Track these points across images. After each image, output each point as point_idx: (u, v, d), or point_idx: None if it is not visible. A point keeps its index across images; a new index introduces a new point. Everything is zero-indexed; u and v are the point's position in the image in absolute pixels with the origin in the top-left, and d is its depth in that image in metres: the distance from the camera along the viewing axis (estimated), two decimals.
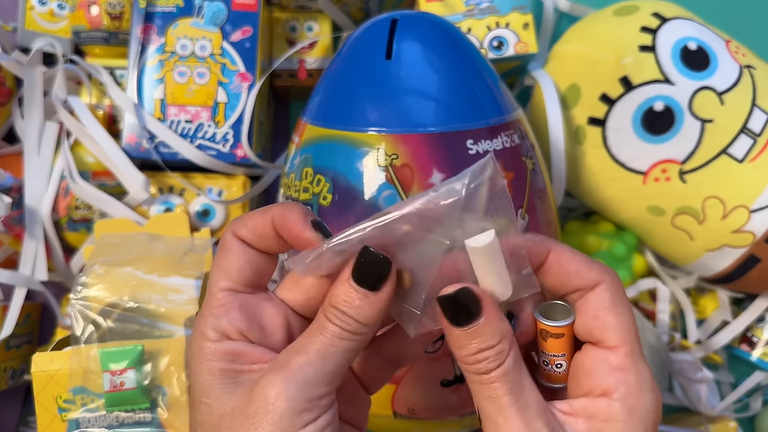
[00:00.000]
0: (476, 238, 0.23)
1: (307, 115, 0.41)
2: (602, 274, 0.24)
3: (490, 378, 0.22)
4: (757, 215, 0.46)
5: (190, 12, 0.50)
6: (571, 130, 0.50)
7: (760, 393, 0.56)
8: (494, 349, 0.23)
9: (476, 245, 0.23)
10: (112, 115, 0.53)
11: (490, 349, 0.23)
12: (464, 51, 0.40)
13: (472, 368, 0.23)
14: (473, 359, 0.23)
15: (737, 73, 0.47)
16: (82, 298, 0.39)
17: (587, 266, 0.24)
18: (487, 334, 0.23)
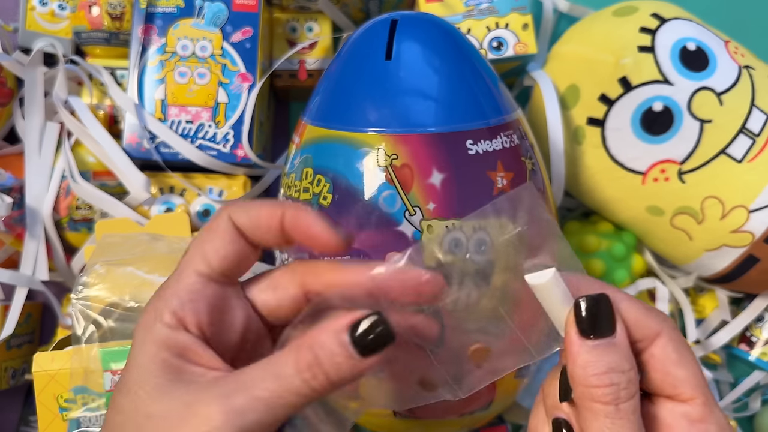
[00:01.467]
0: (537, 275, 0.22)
1: (308, 116, 0.41)
2: (661, 323, 0.22)
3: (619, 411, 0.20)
4: (755, 215, 0.46)
5: (190, 13, 0.50)
6: (570, 130, 0.50)
7: (759, 392, 0.56)
8: (626, 375, 0.21)
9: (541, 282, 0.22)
10: (112, 116, 0.53)
11: (622, 374, 0.21)
12: (464, 51, 0.40)
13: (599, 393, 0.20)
14: (601, 381, 0.20)
15: (736, 73, 0.47)
16: (83, 297, 0.40)
17: (646, 314, 0.22)
18: (620, 355, 0.21)
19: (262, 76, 0.50)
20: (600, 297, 0.21)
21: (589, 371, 0.21)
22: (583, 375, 0.21)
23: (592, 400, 0.21)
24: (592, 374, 0.21)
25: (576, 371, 0.21)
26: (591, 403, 0.21)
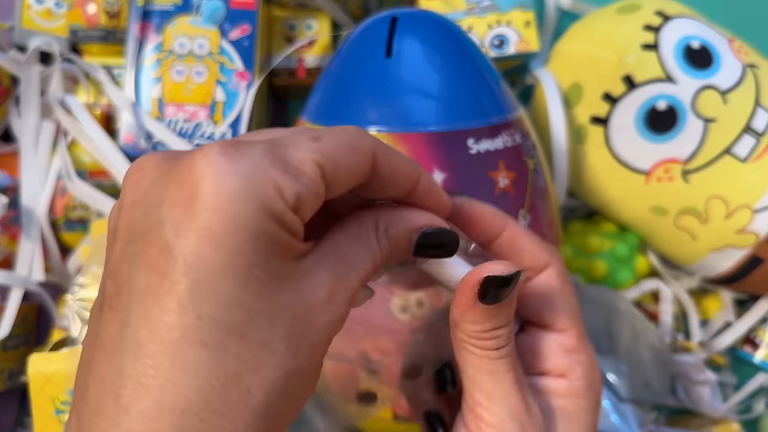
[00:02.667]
0: None
1: (306, 114, 0.41)
2: (552, 256, 0.24)
3: (499, 353, 0.22)
4: (760, 215, 0.46)
5: (188, 10, 0.49)
6: (573, 129, 0.50)
7: (764, 395, 0.56)
8: (507, 328, 0.22)
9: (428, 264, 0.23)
10: (109, 114, 0.53)
11: (504, 328, 0.22)
12: (465, 49, 0.39)
13: (481, 344, 0.22)
14: (486, 335, 0.22)
15: (740, 71, 0.47)
16: (79, 298, 0.39)
17: (540, 247, 0.24)
18: (506, 315, 0.22)
19: (261, 74, 0.50)
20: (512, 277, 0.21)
21: (477, 327, 0.22)
22: (469, 328, 0.22)
23: (473, 347, 0.22)
24: (479, 330, 0.22)
25: (463, 322, 0.22)
26: (473, 349, 0.22)
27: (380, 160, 0.20)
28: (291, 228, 0.18)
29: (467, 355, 0.23)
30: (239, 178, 0.16)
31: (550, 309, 0.24)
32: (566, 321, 0.24)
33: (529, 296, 0.24)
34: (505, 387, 0.22)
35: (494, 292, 0.21)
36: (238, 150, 0.17)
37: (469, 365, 0.23)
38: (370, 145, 0.20)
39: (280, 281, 0.17)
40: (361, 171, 0.20)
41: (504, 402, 0.22)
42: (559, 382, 0.23)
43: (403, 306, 0.25)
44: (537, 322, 0.24)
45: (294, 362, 0.18)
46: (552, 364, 0.24)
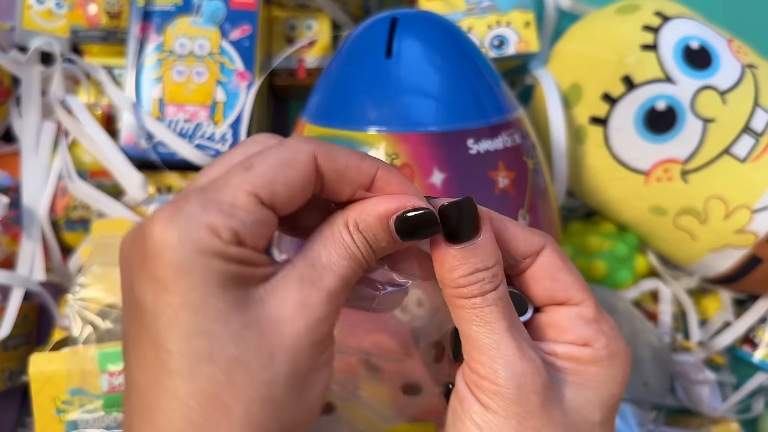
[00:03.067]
0: None
1: (307, 115, 0.41)
2: (544, 237, 0.24)
3: (486, 300, 0.22)
4: (759, 215, 0.46)
5: (188, 10, 0.49)
6: (572, 129, 0.50)
7: (763, 394, 0.56)
8: (490, 270, 0.22)
9: None
10: (110, 115, 0.53)
11: (487, 271, 0.22)
12: (465, 50, 0.39)
13: (465, 291, 0.22)
14: (467, 281, 0.22)
15: (739, 72, 0.47)
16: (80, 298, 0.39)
17: (530, 232, 0.24)
18: (485, 254, 0.22)
19: (261, 74, 0.50)
20: (462, 201, 0.22)
21: (456, 274, 0.22)
22: (450, 277, 0.22)
23: (461, 297, 0.22)
24: (458, 276, 0.22)
25: (444, 275, 0.22)
26: (460, 300, 0.22)
27: (323, 163, 0.21)
28: (239, 259, 0.20)
29: (458, 311, 0.22)
30: (176, 232, 0.19)
31: (561, 286, 0.23)
32: (579, 293, 0.23)
33: (537, 280, 0.24)
34: (496, 336, 0.22)
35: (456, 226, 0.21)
36: (178, 208, 0.19)
37: (462, 321, 0.22)
38: (307, 153, 0.21)
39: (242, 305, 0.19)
40: (304, 181, 0.21)
41: (495, 352, 0.21)
42: (583, 350, 0.23)
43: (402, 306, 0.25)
44: (552, 302, 0.24)
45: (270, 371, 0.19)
46: (574, 335, 0.23)
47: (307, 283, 0.20)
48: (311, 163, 0.21)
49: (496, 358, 0.21)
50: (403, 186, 0.22)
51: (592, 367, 0.23)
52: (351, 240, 0.21)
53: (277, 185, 0.20)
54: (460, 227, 0.22)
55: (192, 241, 0.19)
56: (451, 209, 0.21)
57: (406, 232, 0.21)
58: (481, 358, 0.22)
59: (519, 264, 0.24)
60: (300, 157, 0.21)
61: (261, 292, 0.20)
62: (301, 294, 0.20)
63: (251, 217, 0.20)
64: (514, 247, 0.24)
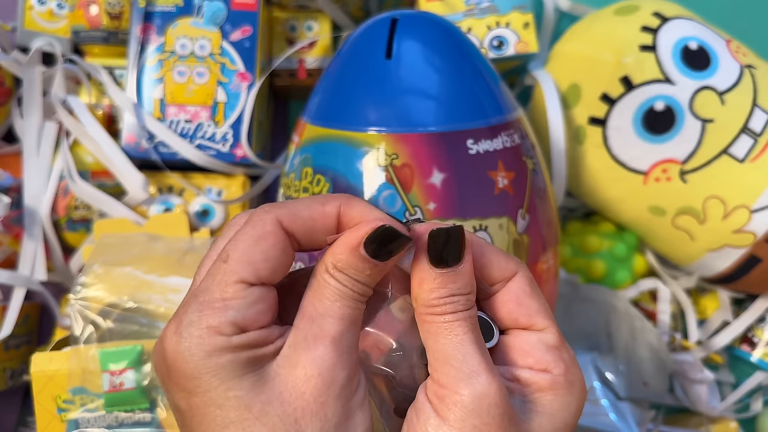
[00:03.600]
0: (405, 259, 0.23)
1: (307, 115, 0.41)
2: (518, 265, 0.25)
3: (456, 316, 0.22)
4: (757, 215, 0.46)
5: (189, 11, 0.50)
6: (571, 129, 0.50)
7: (761, 393, 0.56)
8: (466, 296, 0.23)
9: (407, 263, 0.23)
10: (111, 115, 0.53)
11: (460, 296, 0.22)
12: (464, 50, 0.39)
13: (437, 309, 0.22)
14: (443, 301, 0.22)
15: (738, 72, 0.47)
16: (81, 298, 0.39)
17: (505, 258, 0.24)
18: (463, 281, 0.22)
19: (262, 75, 0.50)
20: (452, 230, 0.22)
21: (433, 294, 0.22)
22: (427, 297, 0.22)
23: (430, 314, 0.22)
24: (435, 297, 0.22)
25: (421, 294, 0.23)
26: (431, 317, 0.22)
27: (289, 224, 0.22)
28: (247, 344, 0.21)
29: (427, 326, 0.23)
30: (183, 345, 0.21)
31: (526, 311, 0.24)
32: (543, 320, 0.24)
33: (504, 303, 0.24)
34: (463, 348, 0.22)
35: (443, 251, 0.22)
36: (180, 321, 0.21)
37: (430, 334, 0.23)
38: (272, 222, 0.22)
39: (260, 385, 0.21)
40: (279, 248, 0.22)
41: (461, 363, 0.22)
42: (541, 376, 0.23)
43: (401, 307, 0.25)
44: (516, 325, 0.24)
45: None
46: (534, 359, 0.24)
47: (311, 339, 0.21)
48: (278, 230, 0.22)
49: (460, 368, 0.22)
50: (365, 212, 0.23)
51: (549, 394, 0.23)
52: (336, 282, 0.22)
53: (257, 263, 0.22)
54: (446, 253, 0.22)
55: (199, 347, 0.21)
56: (440, 235, 0.22)
57: (379, 252, 0.22)
58: (445, 368, 0.22)
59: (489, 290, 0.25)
60: (266, 228, 0.22)
61: (275, 367, 0.21)
62: (308, 351, 0.21)
63: (244, 303, 0.21)
64: (488, 272, 0.24)
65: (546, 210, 0.41)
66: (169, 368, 0.21)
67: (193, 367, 0.21)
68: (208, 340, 0.21)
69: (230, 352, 0.21)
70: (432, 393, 0.22)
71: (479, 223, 0.37)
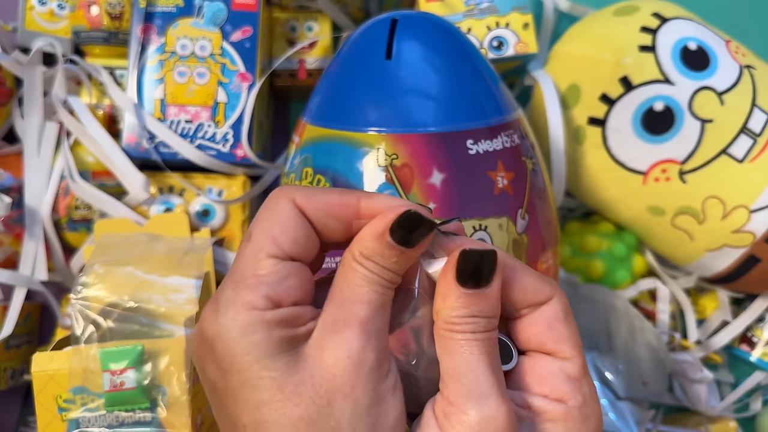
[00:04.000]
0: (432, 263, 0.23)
1: (307, 115, 0.41)
2: (554, 288, 0.24)
3: (475, 336, 0.22)
4: (757, 215, 0.46)
5: (190, 12, 0.50)
6: (571, 130, 0.50)
7: (760, 393, 0.56)
8: (488, 319, 0.22)
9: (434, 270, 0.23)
10: (112, 115, 0.53)
11: (483, 318, 0.22)
12: (464, 51, 0.40)
13: (456, 327, 0.22)
14: (463, 320, 0.22)
15: (737, 73, 0.47)
16: (82, 297, 0.39)
17: (541, 281, 0.24)
18: (487, 304, 0.22)
19: (262, 75, 0.50)
20: (486, 253, 0.22)
21: (455, 312, 0.22)
22: (448, 314, 0.22)
23: (451, 331, 0.22)
24: (456, 315, 0.22)
25: (442, 309, 0.22)
26: (449, 333, 0.22)
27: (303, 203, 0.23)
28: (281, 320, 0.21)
29: (444, 342, 0.22)
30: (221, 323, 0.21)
31: (554, 337, 0.24)
32: (571, 350, 0.23)
33: (534, 324, 0.24)
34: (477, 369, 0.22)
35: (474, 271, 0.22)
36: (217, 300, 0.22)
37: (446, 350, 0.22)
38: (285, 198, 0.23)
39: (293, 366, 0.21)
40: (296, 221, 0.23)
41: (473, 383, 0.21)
42: (555, 406, 0.23)
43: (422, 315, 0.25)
44: (541, 349, 0.24)
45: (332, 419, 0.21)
46: (551, 387, 0.23)
47: (340, 322, 0.22)
48: (292, 205, 0.23)
49: (471, 387, 0.21)
50: (389, 203, 0.23)
51: (560, 425, 0.23)
52: (363, 269, 0.22)
53: (278, 237, 0.22)
54: (474, 274, 0.22)
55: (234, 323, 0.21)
56: (472, 256, 0.22)
57: (405, 239, 0.22)
58: (455, 386, 0.22)
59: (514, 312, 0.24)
60: (281, 205, 0.23)
61: (307, 349, 0.22)
62: (336, 335, 0.21)
63: (276, 277, 0.22)
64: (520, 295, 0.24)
65: (545, 210, 0.41)
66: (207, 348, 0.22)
67: (229, 345, 0.21)
68: (243, 316, 0.21)
69: (264, 329, 0.21)
70: (439, 409, 0.22)
71: (479, 223, 0.37)
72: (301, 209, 0.23)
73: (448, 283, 0.22)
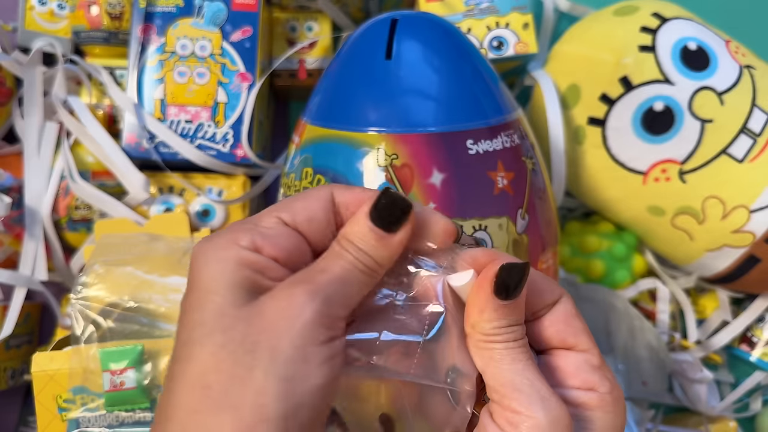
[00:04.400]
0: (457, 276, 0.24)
1: (307, 115, 0.41)
2: (561, 288, 0.26)
3: (516, 344, 0.23)
4: (757, 215, 0.46)
5: (190, 12, 0.50)
6: (571, 130, 0.50)
7: (760, 393, 0.56)
8: (521, 326, 0.24)
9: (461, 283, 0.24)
10: (112, 115, 0.53)
11: (517, 327, 0.24)
12: (464, 51, 0.40)
13: (497, 338, 0.23)
14: (502, 331, 0.23)
15: (737, 73, 0.47)
16: (82, 297, 0.39)
17: (549, 282, 0.25)
18: (520, 312, 0.24)
19: (262, 75, 0.50)
20: (525, 266, 0.23)
21: (493, 324, 0.23)
22: (486, 327, 0.23)
23: (491, 342, 0.24)
24: (495, 326, 0.23)
25: (480, 322, 0.24)
26: (489, 344, 0.24)
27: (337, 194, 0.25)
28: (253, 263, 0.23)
29: (486, 353, 0.24)
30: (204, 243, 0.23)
31: (572, 331, 0.25)
32: (587, 341, 0.25)
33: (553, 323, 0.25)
34: (529, 374, 0.23)
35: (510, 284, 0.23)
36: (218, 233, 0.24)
37: (490, 362, 0.23)
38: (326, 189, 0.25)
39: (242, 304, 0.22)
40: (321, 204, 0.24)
41: (531, 389, 0.23)
42: (589, 395, 0.24)
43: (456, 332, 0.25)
44: (560, 345, 0.25)
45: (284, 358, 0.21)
46: (580, 380, 0.24)
47: (296, 281, 0.23)
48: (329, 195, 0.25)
49: (531, 393, 0.23)
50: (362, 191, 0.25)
51: (598, 412, 0.24)
52: (342, 249, 0.23)
53: (296, 207, 0.24)
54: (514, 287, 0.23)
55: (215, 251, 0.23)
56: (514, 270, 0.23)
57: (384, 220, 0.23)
58: (515, 394, 0.23)
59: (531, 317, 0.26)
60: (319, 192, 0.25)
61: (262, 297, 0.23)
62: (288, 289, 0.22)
63: (271, 232, 0.23)
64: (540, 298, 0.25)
65: (545, 210, 0.41)
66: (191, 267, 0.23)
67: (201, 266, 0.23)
68: (224, 246, 0.23)
69: (234, 263, 0.22)
70: (503, 419, 0.23)
71: (479, 223, 0.37)
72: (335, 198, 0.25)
73: (484, 297, 0.23)
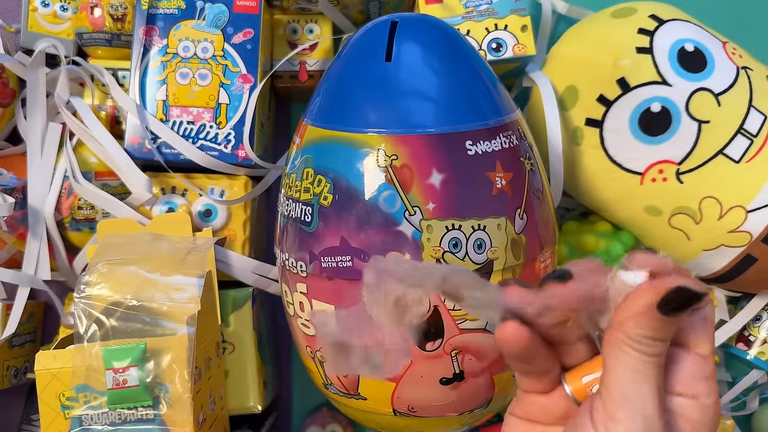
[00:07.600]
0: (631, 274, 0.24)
1: (308, 117, 0.41)
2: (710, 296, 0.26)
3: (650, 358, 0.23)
4: (753, 215, 0.47)
5: (192, 14, 0.50)
6: (568, 131, 0.51)
7: (757, 391, 0.56)
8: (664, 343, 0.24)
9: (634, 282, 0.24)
10: (114, 116, 0.53)
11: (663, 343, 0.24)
12: (463, 53, 0.40)
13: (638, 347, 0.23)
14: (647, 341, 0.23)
15: (734, 74, 0.48)
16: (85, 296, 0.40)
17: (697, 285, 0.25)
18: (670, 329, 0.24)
19: (263, 77, 0.51)
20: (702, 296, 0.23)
21: (639, 331, 0.23)
22: (633, 332, 0.23)
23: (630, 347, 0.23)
24: (641, 334, 0.23)
25: (630, 325, 0.23)
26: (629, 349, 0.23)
27: None
28: None
29: (618, 353, 0.23)
30: None
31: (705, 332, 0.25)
32: (709, 348, 0.25)
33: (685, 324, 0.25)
34: (646, 391, 0.23)
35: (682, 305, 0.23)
36: None
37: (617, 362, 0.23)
38: None
39: None
40: None
41: (640, 405, 0.23)
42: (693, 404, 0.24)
43: None
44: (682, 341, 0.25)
45: None
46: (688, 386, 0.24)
47: None
48: None
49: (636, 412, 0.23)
50: None
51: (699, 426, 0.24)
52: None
53: None
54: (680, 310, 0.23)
55: None
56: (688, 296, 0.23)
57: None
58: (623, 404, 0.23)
59: None
60: None
61: None
62: None
63: None
64: None
65: (543, 210, 0.41)
66: None
67: None
68: None
69: None
70: (599, 419, 0.23)
71: (477, 222, 0.37)
72: None
73: (647, 303, 0.23)
